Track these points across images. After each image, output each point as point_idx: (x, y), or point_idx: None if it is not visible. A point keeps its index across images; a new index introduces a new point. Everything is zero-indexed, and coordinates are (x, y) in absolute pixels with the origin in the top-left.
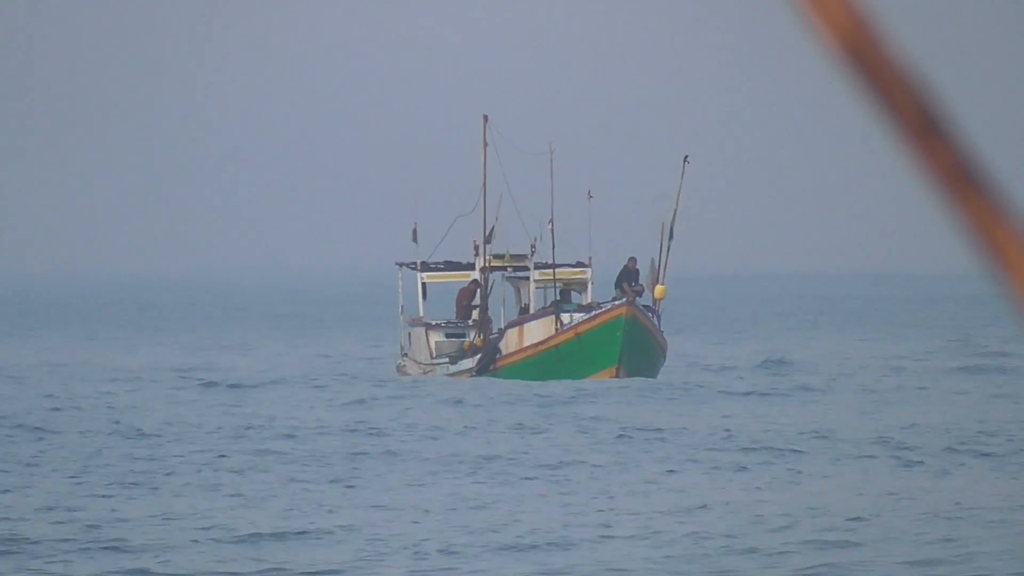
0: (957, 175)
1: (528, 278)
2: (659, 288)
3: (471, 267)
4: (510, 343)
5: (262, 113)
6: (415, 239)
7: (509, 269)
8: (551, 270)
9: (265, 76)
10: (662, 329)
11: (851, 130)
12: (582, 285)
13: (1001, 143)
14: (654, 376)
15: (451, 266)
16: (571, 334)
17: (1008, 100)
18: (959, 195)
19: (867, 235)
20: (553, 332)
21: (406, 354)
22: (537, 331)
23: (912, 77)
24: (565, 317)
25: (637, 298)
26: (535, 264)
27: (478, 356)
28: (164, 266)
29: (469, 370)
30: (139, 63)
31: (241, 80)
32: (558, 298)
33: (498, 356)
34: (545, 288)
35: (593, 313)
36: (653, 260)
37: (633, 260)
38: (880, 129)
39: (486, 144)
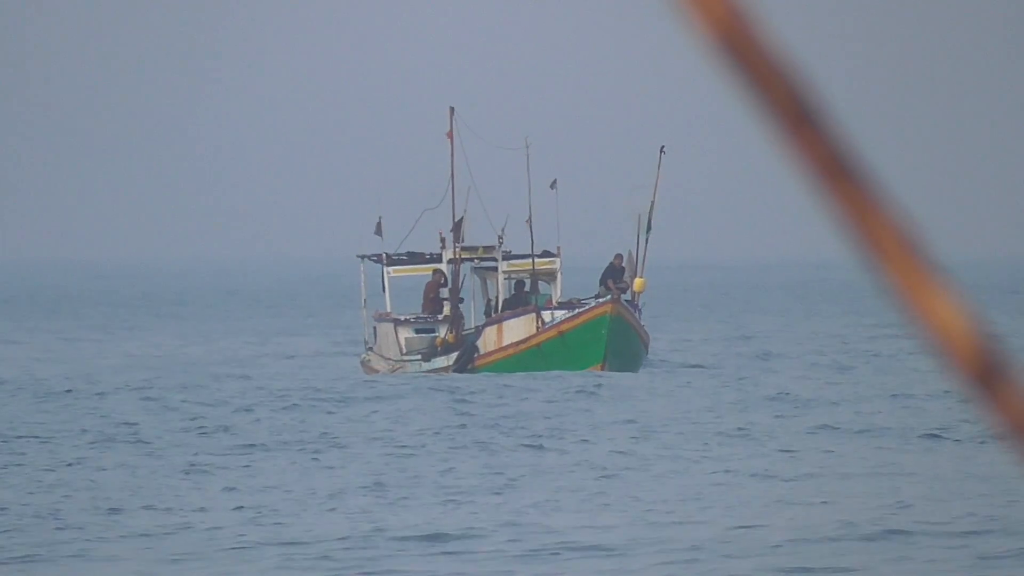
0: (833, 166)
1: (496, 269)
2: (638, 281)
3: (436, 259)
4: (488, 341)
5: (226, 104)
6: (379, 232)
7: (477, 260)
8: (519, 261)
9: (229, 66)
10: (643, 323)
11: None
12: (551, 275)
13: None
14: (636, 372)
15: (414, 258)
16: (554, 332)
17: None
18: (835, 186)
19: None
20: (534, 330)
21: (371, 348)
22: (517, 329)
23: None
24: (546, 315)
25: (622, 295)
26: (503, 255)
27: (454, 354)
28: (130, 255)
29: (445, 368)
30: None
31: (204, 71)
32: (527, 290)
33: (476, 355)
34: (510, 279)
35: (576, 311)
36: (631, 253)
37: (619, 257)
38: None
39: (452, 136)
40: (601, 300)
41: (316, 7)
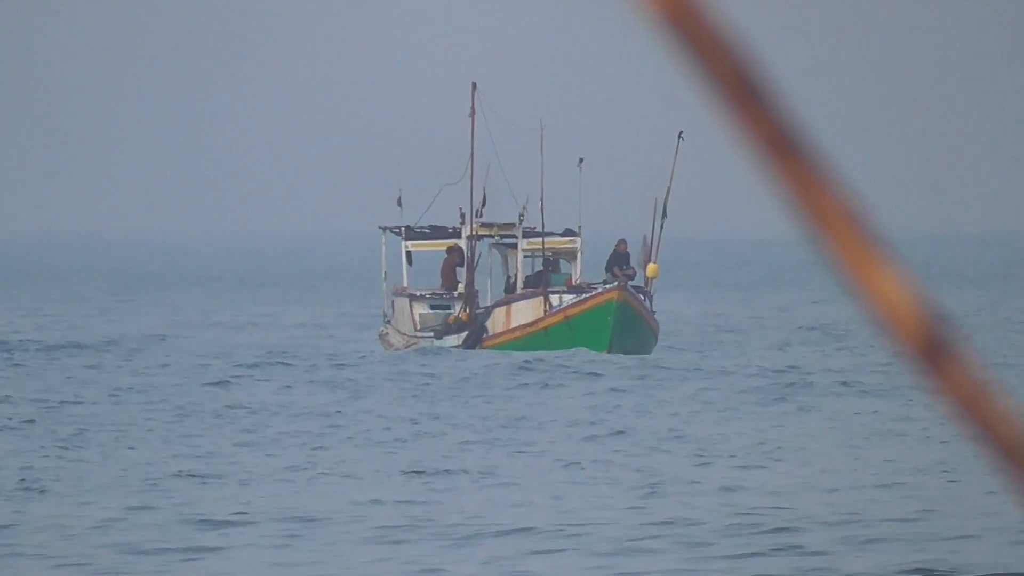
0: (778, 142)
1: (516, 246)
2: (651, 267)
3: (457, 233)
4: (496, 323)
5: (248, 78)
6: (400, 204)
7: (497, 237)
8: (539, 239)
9: (252, 41)
10: (654, 310)
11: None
12: (571, 255)
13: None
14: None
15: (437, 231)
16: (560, 316)
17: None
18: (780, 162)
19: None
20: (541, 314)
21: (389, 321)
22: (525, 312)
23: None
24: (554, 299)
25: (628, 282)
26: (523, 232)
27: (464, 333)
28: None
29: (456, 347)
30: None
31: (228, 45)
32: (549, 268)
33: (485, 335)
34: (533, 256)
35: (583, 296)
36: (646, 237)
37: (623, 243)
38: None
39: (474, 112)
40: (608, 286)
41: None
